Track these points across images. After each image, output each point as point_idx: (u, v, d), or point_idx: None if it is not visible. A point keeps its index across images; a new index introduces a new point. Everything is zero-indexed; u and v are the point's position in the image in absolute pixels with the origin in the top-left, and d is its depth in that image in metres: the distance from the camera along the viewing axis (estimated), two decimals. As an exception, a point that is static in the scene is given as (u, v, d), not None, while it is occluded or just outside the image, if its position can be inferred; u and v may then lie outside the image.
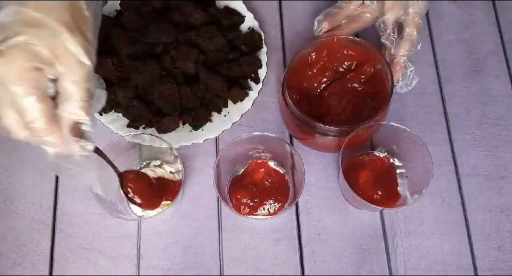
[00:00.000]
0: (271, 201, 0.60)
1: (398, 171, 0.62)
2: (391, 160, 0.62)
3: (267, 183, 0.61)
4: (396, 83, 0.61)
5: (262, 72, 0.65)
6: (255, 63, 0.64)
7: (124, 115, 0.62)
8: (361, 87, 0.61)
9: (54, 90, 0.41)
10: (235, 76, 0.64)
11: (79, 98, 0.42)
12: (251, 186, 0.60)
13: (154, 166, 0.62)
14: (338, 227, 0.61)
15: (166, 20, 0.65)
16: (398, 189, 0.60)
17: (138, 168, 0.62)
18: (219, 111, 0.64)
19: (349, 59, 0.61)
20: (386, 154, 0.62)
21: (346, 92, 0.61)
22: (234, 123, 0.63)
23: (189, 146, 0.62)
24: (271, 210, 0.59)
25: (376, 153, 0.62)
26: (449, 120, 0.66)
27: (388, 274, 0.59)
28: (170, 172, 0.62)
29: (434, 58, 0.70)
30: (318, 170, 0.64)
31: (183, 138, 0.62)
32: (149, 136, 0.58)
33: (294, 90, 0.60)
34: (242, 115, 0.63)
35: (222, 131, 0.63)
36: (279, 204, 0.60)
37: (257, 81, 0.65)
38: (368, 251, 0.60)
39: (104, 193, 0.55)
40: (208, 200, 0.62)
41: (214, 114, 0.64)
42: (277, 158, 0.61)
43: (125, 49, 0.63)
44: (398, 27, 0.61)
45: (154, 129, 0.62)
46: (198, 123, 0.63)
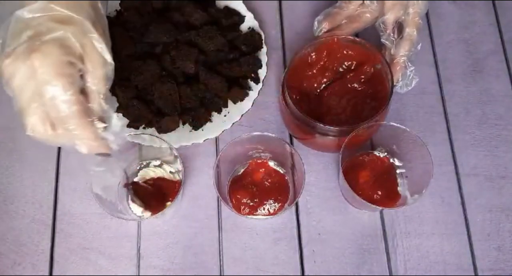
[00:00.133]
0: (271, 201, 0.60)
1: (398, 171, 0.62)
2: (391, 160, 0.62)
3: (267, 183, 0.61)
4: (396, 83, 0.61)
5: (262, 72, 0.65)
6: (255, 63, 0.64)
7: (124, 115, 0.62)
8: (361, 87, 0.61)
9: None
10: (235, 76, 0.64)
11: (103, 96, 0.43)
12: (251, 186, 0.60)
13: (154, 166, 0.62)
14: (338, 227, 0.61)
15: (166, 20, 0.65)
16: (398, 189, 0.60)
17: (138, 168, 0.62)
18: (219, 111, 0.64)
19: (349, 59, 0.61)
20: (386, 154, 0.62)
21: (346, 92, 0.61)
22: (234, 123, 0.63)
23: (189, 146, 0.62)
24: (271, 210, 0.59)
25: (376, 153, 0.62)
26: (449, 120, 0.66)
27: (388, 274, 0.59)
28: (170, 172, 0.62)
29: (434, 58, 0.70)
30: (318, 170, 0.64)
31: (183, 138, 0.62)
32: (149, 136, 0.58)
33: (294, 90, 0.60)
34: (242, 115, 0.63)
35: (222, 131, 0.63)
36: (279, 204, 0.60)
37: (257, 81, 0.65)
38: (368, 251, 0.60)
39: (104, 193, 0.55)
40: (208, 200, 0.62)
41: (214, 114, 0.64)
42: (277, 158, 0.61)
43: (125, 49, 0.63)
44: (398, 27, 0.61)
45: (154, 129, 0.62)
46: (198, 123, 0.63)
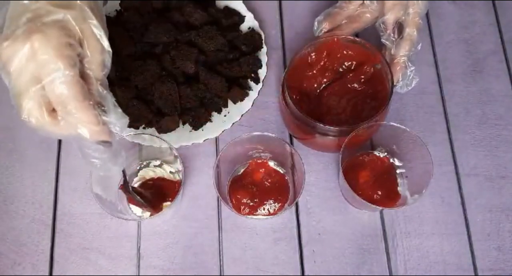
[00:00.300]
0: (271, 201, 0.60)
1: (398, 171, 0.62)
2: (391, 160, 0.62)
3: (267, 183, 0.61)
4: (396, 83, 0.61)
5: (262, 72, 0.65)
6: (255, 63, 0.64)
7: (124, 115, 0.62)
8: (361, 87, 0.61)
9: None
10: (235, 76, 0.64)
11: (100, 82, 0.42)
12: (251, 186, 0.60)
13: (154, 166, 0.62)
14: (338, 227, 0.61)
15: (166, 20, 0.65)
16: (398, 189, 0.60)
17: (138, 168, 0.62)
18: (219, 111, 0.64)
19: (349, 59, 0.61)
20: (386, 154, 0.62)
21: (346, 92, 0.61)
22: (234, 123, 0.63)
23: (189, 146, 0.62)
24: (271, 210, 0.59)
25: (376, 153, 0.62)
26: (449, 120, 0.66)
27: (388, 274, 0.59)
28: (170, 172, 0.62)
29: (434, 58, 0.70)
30: (318, 170, 0.64)
31: (183, 138, 0.62)
32: (149, 136, 0.58)
33: (294, 90, 0.60)
34: (242, 115, 0.63)
35: (222, 131, 0.63)
36: (279, 204, 0.60)
37: (257, 81, 0.65)
38: (368, 251, 0.60)
39: (104, 193, 0.55)
40: (208, 200, 0.62)
41: (214, 114, 0.64)
42: (277, 158, 0.61)
43: (125, 49, 0.63)
44: (398, 27, 0.61)
45: (154, 129, 0.62)
46: (198, 123, 0.63)
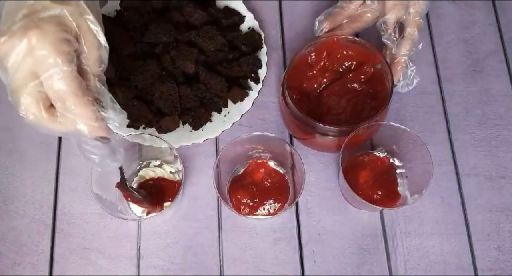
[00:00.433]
0: (271, 201, 0.60)
1: (398, 171, 0.62)
2: (391, 160, 0.62)
3: (267, 183, 0.61)
4: (397, 83, 0.61)
5: (262, 72, 0.65)
6: (255, 63, 0.64)
7: (124, 115, 0.62)
8: (361, 87, 0.61)
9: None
10: (235, 76, 0.64)
11: (97, 78, 0.42)
12: (251, 186, 0.60)
13: (154, 166, 0.62)
14: (338, 227, 0.61)
15: (166, 20, 0.65)
16: (398, 189, 0.60)
17: (138, 168, 0.62)
18: (219, 111, 0.64)
19: (349, 59, 0.61)
20: (386, 154, 0.62)
21: (346, 92, 0.61)
22: (234, 123, 0.63)
23: (189, 146, 0.62)
24: (271, 210, 0.59)
25: (376, 153, 0.62)
26: (449, 120, 0.66)
27: (388, 274, 0.59)
28: (170, 172, 0.62)
29: (434, 58, 0.70)
30: (318, 170, 0.64)
31: (183, 138, 0.62)
32: (149, 136, 0.58)
33: (294, 90, 0.60)
34: (242, 115, 0.63)
35: (222, 131, 0.63)
36: (279, 204, 0.60)
37: (257, 81, 0.65)
38: (368, 251, 0.60)
39: (104, 193, 0.55)
40: (208, 200, 0.62)
41: (214, 114, 0.64)
42: (277, 158, 0.61)
43: (125, 49, 0.63)
44: (399, 27, 0.61)
45: (154, 129, 0.62)
46: (198, 123, 0.63)
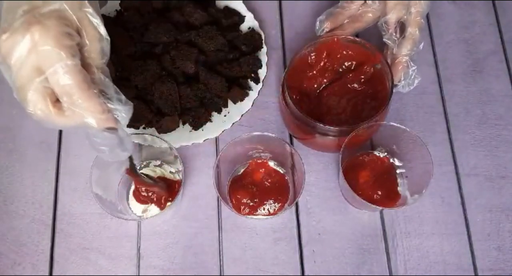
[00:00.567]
0: (271, 201, 0.60)
1: (398, 171, 0.62)
2: (391, 160, 0.62)
3: (267, 183, 0.61)
4: (398, 83, 0.61)
5: (262, 72, 0.65)
6: (255, 63, 0.64)
7: (124, 115, 0.62)
8: (361, 87, 0.61)
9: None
10: (235, 76, 0.64)
11: (100, 70, 0.42)
12: (251, 186, 0.60)
13: (154, 166, 0.62)
14: (338, 227, 0.61)
15: (166, 20, 0.65)
16: (398, 189, 0.60)
17: (138, 168, 0.62)
18: (219, 111, 0.64)
19: (349, 59, 0.61)
20: (386, 154, 0.62)
21: (346, 92, 0.61)
22: (234, 123, 0.63)
23: (189, 146, 0.62)
24: (271, 210, 0.59)
25: (376, 153, 0.62)
26: (449, 120, 0.66)
27: (388, 274, 0.59)
28: (170, 172, 0.62)
29: (434, 58, 0.70)
30: (318, 170, 0.64)
31: (183, 138, 0.62)
32: (149, 136, 0.58)
33: (294, 90, 0.60)
34: (242, 115, 0.63)
35: (222, 131, 0.63)
36: (279, 204, 0.60)
37: (257, 81, 0.65)
38: (368, 251, 0.60)
39: (104, 193, 0.55)
40: (208, 200, 0.62)
41: (214, 114, 0.64)
42: (277, 158, 0.61)
43: (125, 49, 0.63)
44: (400, 27, 0.61)
45: (154, 129, 0.62)
46: (198, 123, 0.63)
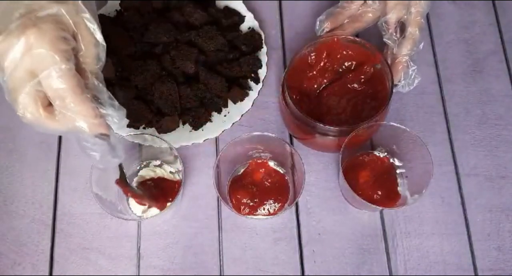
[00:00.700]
0: (271, 201, 0.60)
1: (398, 171, 0.62)
2: (391, 160, 0.62)
3: (267, 183, 0.61)
4: (398, 82, 0.61)
5: (262, 72, 0.65)
6: (255, 63, 0.64)
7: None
8: (361, 87, 0.61)
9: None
10: (235, 76, 0.64)
11: (95, 76, 0.42)
12: (251, 186, 0.60)
13: (154, 166, 0.62)
14: (338, 227, 0.61)
15: (166, 20, 0.65)
16: (398, 189, 0.60)
17: (138, 168, 0.62)
18: (219, 111, 0.64)
19: (349, 59, 0.61)
20: (386, 154, 0.62)
21: (346, 92, 0.61)
22: (234, 123, 0.63)
23: (189, 146, 0.62)
24: (271, 210, 0.59)
25: (376, 153, 0.62)
26: (449, 120, 0.66)
27: (388, 274, 0.59)
28: (170, 172, 0.62)
29: (434, 58, 0.70)
30: (318, 170, 0.64)
31: (183, 138, 0.62)
32: (149, 136, 0.58)
33: (294, 90, 0.60)
34: (242, 115, 0.63)
35: (222, 131, 0.63)
36: (279, 204, 0.60)
37: (257, 81, 0.65)
38: (368, 251, 0.60)
39: (104, 193, 0.55)
40: (208, 200, 0.62)
41: (214, 114, 0.64)
42: (277, 158, 0.61)
43: (125, 49, 0.63)
44: (400, 27, 0.61)
45: (154, 129, 0.62)
46: (198, 123, 0.63)
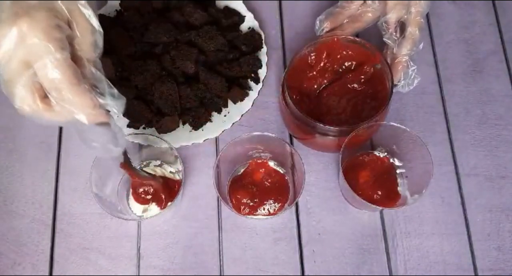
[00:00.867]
0: (271, 201, 0.60)
1: (398, 171, 0.62)
2: (391, 160, 0.62)
3: (267, 183, 0.61)
4: (398, 82, 0.61)
5: (262, 72, 0.65)
6: (255, 63, 0.64)
7: (124, 115, 0.62)
8: (361, 87, 0.61)
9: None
10: (235, 76, 0.64)
11: (92, 63, 0.41)
12: (251, 186, 0.60)
13: (154, 166, 0.62)
14: (338, 227, 0.61)
15: (166, 20, 0.65)
16: (398, 189, 0.60)
17: (138, 168, 0.62)
18: (219, 111, 0.64)
19: (349, 59, 0.61)
20: (386, 154, 0.62)
21: (346, 92, 0.61)
22: (234, 123, 0.63)
23: (189, 146, 0.62)
24: (271, 210, 0.59)
25: (376, 153, 0.62)
26: (449, 120, 0.66)
27: (388, 274, 0.59)
28: (170, 172, 0.62)
29: (434, 58, 0.70)
30: (318, 170, 0.64)
31: (183, 138, 0.62)
32: (149, 136, 0.58)
33: (294, 90, 0.60)
34: (242, 115, 0.63)
35: (222, 131, 0.63)
36: (279, 204, 0.60)
37: (257, 81, 0.65)
38: (368, 251, 0.60)
39: (104, 193, 0.55)
40: (208, 200, 0.62)
41: (214, 114, 0.64)
42: (277, 158, 0.61)
43: (125, 49, 0.63)
44: (400, 27, 0.61)
45: (154, 129, 0.62)
46: (198, 123, 0.63)
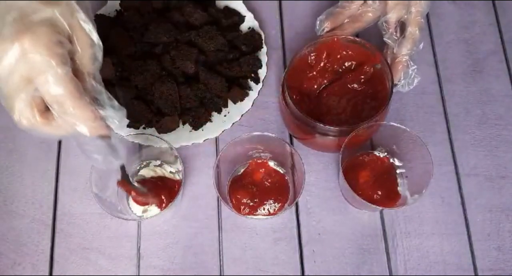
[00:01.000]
0: (271, 201, 0.60)
1: (398, 171, 0.62)
2: (391, 160, 0.62)
3: (267, 183, 0.61)
4: (398, 82, 0.61)
5: (262, 72, 0.65)
6: (255, 63, 0.64)
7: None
8: (361, 87, 0.61)
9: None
10: (235, 76, 0.64)
11: (92, 76, 0.42)
12: (251, 186, 0.60)
13: (154, 166, 0.62)
14: (338, 227, 0.61)
15: (166, 20, 0.65)
16: (398, 189, 0.60)
17: (138, 168, 0.62)
18: (219, 111, 0.64)
19: (349, 59, 0.61)
20: (386, 154, 0.62)
21: (346, 92, 0.61)
22: (234, 123, 0.63)
23: (189, 146, 0.62)
24: (271, 210, 0.59)
25: (376, 153, 0.62)
26: (449, 120, 0.66)
27: (388, 274, 0.59)
28: (170, 172, 0.62)
29: (434, 58, 0.70)
30: (318, 170, 0.64)
31: (183, 138, 0.62)
32: (149, 136, 0.58)
33: (294, 90, 0.60)
34: (242, 115, 0.63)
35: (222, 131, 0.63)
36: (279, 204, 0.60)
37: (257, 81, 0.65)
38: (368, 251, 0.60)
39: (104, 193, 0.55)
40: (208, 200, 0.62)
41: (214, 114, 0.64)
42: (277, 158, 0.61)
43: (125, 49, 0.63)
44: (401, 26, 0.61)
45: (154, 129, 0.62)
46: (198, 123, 0.63)
